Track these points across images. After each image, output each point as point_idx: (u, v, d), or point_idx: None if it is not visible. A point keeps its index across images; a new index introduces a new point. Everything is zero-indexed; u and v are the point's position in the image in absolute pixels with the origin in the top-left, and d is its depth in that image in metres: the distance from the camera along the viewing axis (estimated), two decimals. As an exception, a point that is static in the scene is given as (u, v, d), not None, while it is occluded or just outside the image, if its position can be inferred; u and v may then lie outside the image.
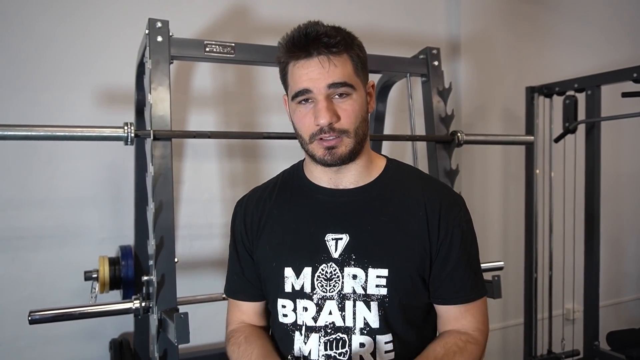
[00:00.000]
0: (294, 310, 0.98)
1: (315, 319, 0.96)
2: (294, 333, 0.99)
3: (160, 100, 1.39)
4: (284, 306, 0.99)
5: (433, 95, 1.76)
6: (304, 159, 1.07)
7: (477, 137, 1.84)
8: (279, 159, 2.32)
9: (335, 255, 0.95)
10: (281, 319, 1.01)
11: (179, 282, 1.38)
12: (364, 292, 0.94)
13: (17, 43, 1.88)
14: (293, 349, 0.99)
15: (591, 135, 2.35)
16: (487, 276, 1.37)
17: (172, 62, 1.45)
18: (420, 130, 1.89)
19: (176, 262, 1.38)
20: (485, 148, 2.77)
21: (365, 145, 1.00)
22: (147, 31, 1.42)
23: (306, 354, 0.98)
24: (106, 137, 1.33)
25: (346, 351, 0.95)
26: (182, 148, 2.15)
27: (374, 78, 2.09)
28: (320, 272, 0.95)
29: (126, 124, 1.34)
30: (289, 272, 0.97)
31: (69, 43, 1.94)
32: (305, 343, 0.98)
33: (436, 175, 1.72)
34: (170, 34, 1.44)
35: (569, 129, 2.38)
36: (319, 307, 0.95)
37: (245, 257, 1.05)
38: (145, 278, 1.39)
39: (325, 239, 0.96)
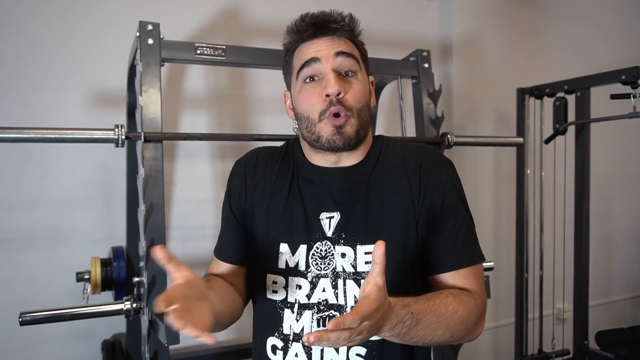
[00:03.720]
0: (285, 287, 0.96)
1: (308, 297, 0.95)
2: (283, 310, 0.97)
3: (151, 103, 1.39)
4: (274, 282, 0.97)
5: (423, 97, 1.77)
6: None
7: (467, 138, 1.86)
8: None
9: (329, 233, 0.95)
10: (269, 295, 0.98)
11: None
12: (354, 270, 0.93)
13: (6, 44, 1.87)
14: (282, 325, 0.97)
15: (581, 137, 2.38)
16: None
17: (163, 65, 1.45)
18: (411, 132, 1.90)
19: (167, 264, 1.38)
20: (476, 149, 2.79)
21: (367, 134, 0.99)
22: (137, 34, 1.43)
23: (297, 331, 0.96)
24: (97, 140, 1.34)
25: None
26: (174, 149, 2.15)
27: (365, 80, 2.11)
28: (315, 250, 0.95)
29: (117, 126, 1.34)
30: (284, 248, 0.96)
31: (60, 45, 1.94)
32: (298, 320, 0.96)
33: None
34: (161, 36, 1.45)
35: (559, 130, 2.40)
36: (313, 285, 0.94)
37: (237, 221, 1.03)
38: (136, 279, 1.40)
39: (320, 217, 0.96)
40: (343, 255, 0.93)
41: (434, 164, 0.97)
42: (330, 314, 0.94)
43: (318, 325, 0.94)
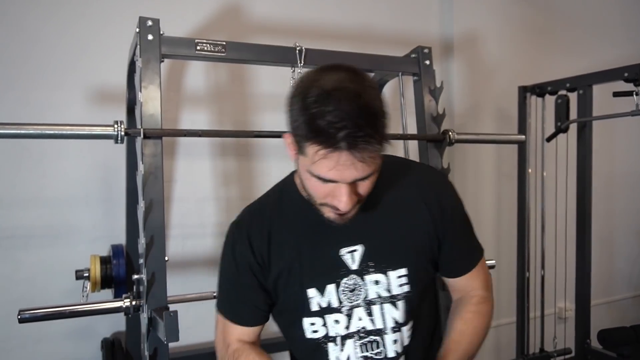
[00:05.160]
0: (324, 325, 1.00)
1: (347, 328, 1.00)
2: (327, 345, 1.02)
3: (150, 99, 1.38)
4: (312, 324, 1.01)
5: (424, 94, 1.76)
6: (293, 174, 1.04)
7: (469, 136, 1.85)
8: (271, 157, 2.32)
9: (354, 267, 0.98)
10: (309, 335, 1.02)
11: (170, 281, 1.38)
12: (389, 294, 0.98)
13: (5, 41, 1.87)
14: (328, 358, 1.02)
15: (583, 135, 2.37)
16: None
17: (162, 61, 1.44)
18: (412, 129, 1.89)
19: (166, 261, 1.37)
20: (478, 147, 2.78)
21: None
22: (137, 29, 1.42)
23: None
24: (96, 136, 1.33)
25: (381, 350, 1.00)
26: (174, 147, 2.15)
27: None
28: (343, 286, 0.98)
29: (116, 122, 1.33)
30: (312, 292, 0.99)
31: (59, 41, 1.94)
32: (342, 350, 1.01)
33: (428, 174, 1.73)
34: (161, 32, 1.44)
35: (561, 128, 2.39)
36: (349, 317, 0.99)
37: (255, 289, 1.02)
38: (135, 277, 1.39)
39: (340, 253, 0.98)
40: (376, 282, 0.98)
41: (443, 185, 1.06)
42: (371, 339, 1.00)
43: (361, 351, 1.01)
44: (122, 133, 1.33)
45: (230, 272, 1.05)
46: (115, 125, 1.33)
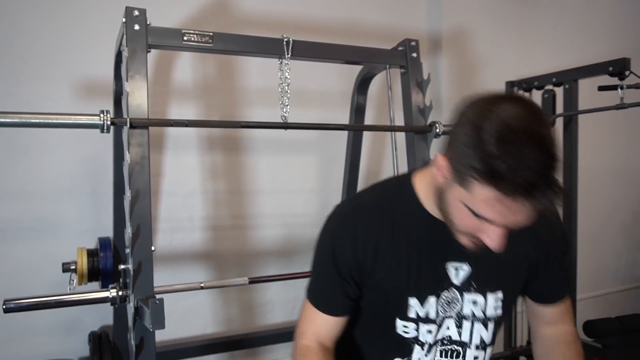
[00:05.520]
0: (417, 329, 1.02)
1: (435, 335, 1.03)
2: (414, 345, 1.05)
3: (137, 89, 1.38)
4: (405, 326, 1.02)
5: (412, 87, 1.77)
6: (410, 178, 1.02)
7: (456, 128, 1.86)
8: (260, 151, 2.32)
9: (456, 282, 1.00)
10: (400, 332, 1.03)
11: (158, 275, 1.38)
12: (483, 316, 1.02)
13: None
14: (411, 356, 1.05)
15: (569, 129, 2.39)
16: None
17: (149, 51, 1.44)
18: (400, 121, 1.90)
19: (153, 251, 1.37)
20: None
21: None
22: (124, 20, 1.42)
23: None
24: (82, 125, 1.32)
25: None
26: (162, 140, 2.14)
27: (355, 70, 2.12)
28: (442, 298, 1.00)
29: (102, 111, 1.33)
30: (413, 301, 0.99)
31: (44, 31, 1.92)
32: (427, 356, 1.05)
33: (414, 165, 1.74)
34: (148, 22, 1.44)
35: (547, 123, 2.41)
36: (439, 326, 1.02)
37: (350, 284, 1.02)
38: (122, 267, 1.38)
39: (446, 267, 0.99)
40: (474, 302, 1.01)
41: (557, 217, 1.06)
42: (454, 348, 1.04)
43: (441, 356, 1.05)
44: (109, 122, 1.32)
45: (327, 264, 1.02)
46: (102, 115, 1.32)
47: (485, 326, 1.02)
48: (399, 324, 1.02)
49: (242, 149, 2.31)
